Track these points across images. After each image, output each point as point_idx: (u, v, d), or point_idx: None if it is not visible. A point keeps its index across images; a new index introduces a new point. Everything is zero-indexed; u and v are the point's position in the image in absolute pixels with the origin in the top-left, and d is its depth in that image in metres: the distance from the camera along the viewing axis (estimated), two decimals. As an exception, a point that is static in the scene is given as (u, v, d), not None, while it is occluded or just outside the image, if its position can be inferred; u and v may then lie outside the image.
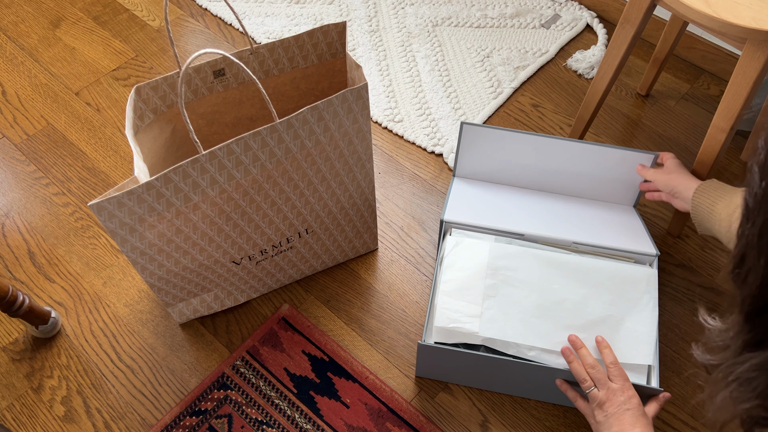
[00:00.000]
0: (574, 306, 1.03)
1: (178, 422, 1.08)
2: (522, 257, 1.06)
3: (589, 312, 1.02)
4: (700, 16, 0.96)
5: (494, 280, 1.04)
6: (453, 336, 1.01)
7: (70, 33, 1.67)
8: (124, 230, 0.89)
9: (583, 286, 1.04)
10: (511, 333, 1.01)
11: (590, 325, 1.02)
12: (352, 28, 1.67)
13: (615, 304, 1.03)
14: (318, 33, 1.04)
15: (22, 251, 1.29)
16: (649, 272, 1.05)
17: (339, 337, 1.17)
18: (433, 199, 1.35)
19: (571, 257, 1.07)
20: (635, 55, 1.59)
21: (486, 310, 1.02)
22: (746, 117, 1.40)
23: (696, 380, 0.46)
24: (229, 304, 1.19)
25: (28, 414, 1.10)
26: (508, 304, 1.03)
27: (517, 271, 1.05)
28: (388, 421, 1.08)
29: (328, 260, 1.23)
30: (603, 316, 1.02)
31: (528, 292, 1.04)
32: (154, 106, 1.01)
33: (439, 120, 1.47)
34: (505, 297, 1.03)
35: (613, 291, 1.04)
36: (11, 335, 1.18)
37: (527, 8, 1.69)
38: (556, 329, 1.01)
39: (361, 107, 0.96)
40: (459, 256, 1.07)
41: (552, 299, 1.03)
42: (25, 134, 1.47)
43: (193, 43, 1.65)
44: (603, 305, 1.03)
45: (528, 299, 1.03)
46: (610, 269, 1.05)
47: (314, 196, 1.05)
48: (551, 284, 1.04)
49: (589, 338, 1.00)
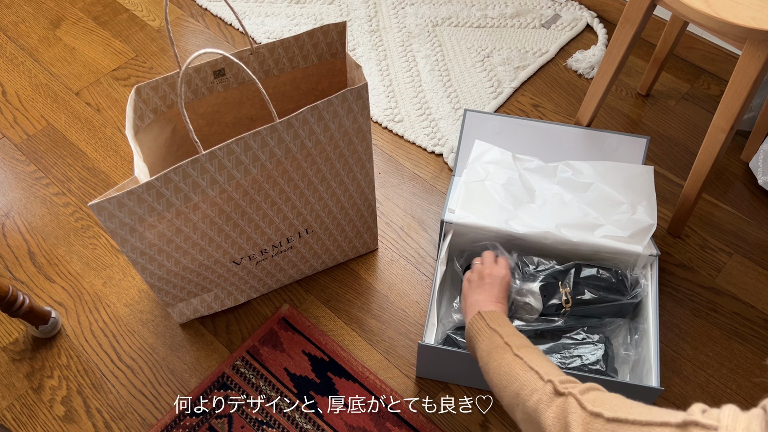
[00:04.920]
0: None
1: (178, 422, 1.08)
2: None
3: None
4: (700, 16, 0.96)
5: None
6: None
7: (70, 33, 1.67)
8: (124, 230, 0.89)
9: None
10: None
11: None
12: (352, 28, 1.67)
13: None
14: (318, 33, 1.04)
15: (22, 251, 1.29)
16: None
17: (339, 337, 1.17)
18: (433, 199, 1.35)
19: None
20: (635, 55, 1.59)
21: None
22: (746, 117, 1.40)
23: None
24: (229, 304, 1.19)
25: (29, 414, 1.10)
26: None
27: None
28: (388, 421, 1.08)
29: (328, 260, 1.23)
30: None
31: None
32: (154, 106, 1.01)
33: (439, 120, 1.47)
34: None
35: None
36: (11, 335, 1.18)
37: (527, 8, 1.69)
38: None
39: (361, 107, 0.96)
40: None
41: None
42: (26, 134, 1.47)
43: (193, 43, 1.65)
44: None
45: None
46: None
47: (314, 196, 1.05)
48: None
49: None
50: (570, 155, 1.22)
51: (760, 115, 1.32)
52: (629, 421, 0.57)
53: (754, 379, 1.11)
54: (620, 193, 1.14)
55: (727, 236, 1.29)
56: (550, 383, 0.70)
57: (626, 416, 0.57)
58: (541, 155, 1.22)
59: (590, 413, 0.61)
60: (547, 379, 0.71)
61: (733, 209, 1.33)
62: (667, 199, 1.34)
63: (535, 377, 0.73)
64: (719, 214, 1.32)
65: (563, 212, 1.13)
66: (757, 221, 1.31)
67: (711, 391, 1.11)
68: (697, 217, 1.32)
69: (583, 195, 1.16)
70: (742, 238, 1.29)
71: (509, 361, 0.79)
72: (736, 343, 1.16)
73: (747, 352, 1.15)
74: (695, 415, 0.51)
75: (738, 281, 1.23)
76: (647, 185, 1.15)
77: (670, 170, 1.39)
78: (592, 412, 0.61)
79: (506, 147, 1.22)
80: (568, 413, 0.64)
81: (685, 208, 1.23)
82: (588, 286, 1.06)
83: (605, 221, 1.12)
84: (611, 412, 0.59)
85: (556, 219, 1.12)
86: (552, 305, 1.05)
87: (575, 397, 0.65)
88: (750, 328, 1.18)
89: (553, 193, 1.17)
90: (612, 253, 1.09)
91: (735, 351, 1.15)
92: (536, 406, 0.69)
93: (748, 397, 1.11)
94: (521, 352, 0.79)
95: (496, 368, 0.80)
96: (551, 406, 0.67)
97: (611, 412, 0.59)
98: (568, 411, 0.64)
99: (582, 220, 1.12)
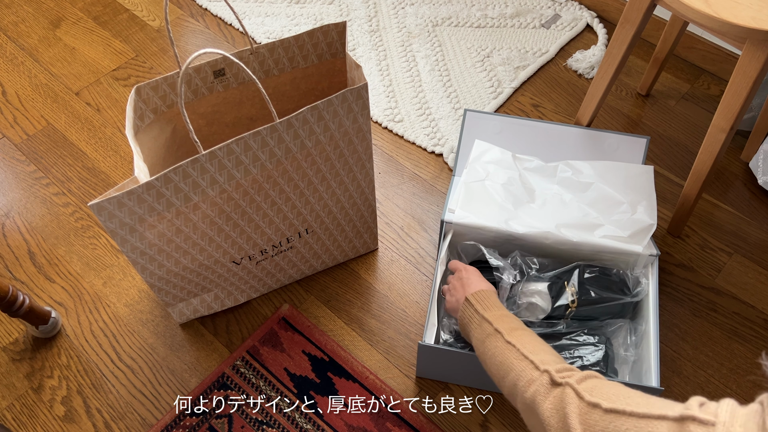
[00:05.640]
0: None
1: (178, 422, 1.08)
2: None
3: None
4: (700, 16, 0.96)
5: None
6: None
7: (70, 33, 1.67)
8: (124, 230, 0.89)
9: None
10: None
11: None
12: (352, 28, 1.67)
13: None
14: (318, 33, 1.04)
15: (22, 251, 1.29)
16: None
17: (339, 337, 1.17)
18: (433, 199, 1.35)
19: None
20: (635, 55, 1.59)
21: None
22: (746, 117, 1.40)
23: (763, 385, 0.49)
24: (229, 304, 1.19)
25: (29, 414, 1.10)
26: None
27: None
28: (388, 421, 1.08)
29: (328, 260, 1.23)
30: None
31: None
32: (154, 106, 1.01)
33: (439, 120, 1.47)
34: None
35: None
36: (11, 335, 1.18)
37: (527, 8, 1.69)
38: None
39: (361, 107, 0.96)
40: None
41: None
42: (26, 134, 1.47)
43: (193, 43, 1.65)
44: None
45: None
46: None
47: (314, 196, 1.05)
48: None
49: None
50: (570, 155, 1.22)
51: (760, 115, 1.32)
52: (627, 413, 0.56)
53: (748, 377, 1.11)
54: (620, 193, 1.14)
55: (727, 236, 1.29)
56: (546, 373, 0.69)
57: (624, 407, 0.57)
58: (541, 155, 1.22)
59: (588, 403, 0.61)
60: (543, 369, 0.70)
61: (733, 209, 1.33)
62: (667, 199, 1.34)
63: (531, 367, 0.72)
64: (719, 214, 1.32)
65: (563, 212, 1.13)
66: (757, 221, 1.31)
67: (711, 391, 1.11)
68: (697, 217, 1.32)
69: (583, 195, 1.16)
70: (742, 238, 1.29)
71: (502, 349, 0.78)
72: (736, 343, 1.16)
73: (747, 352, 1.15)
74: (693, 409, 0.51)
75: (738, 281, 1.23)
76: (647, 185, 1.15)
77: (670, 170, 1.39)
78: (590, 402, 0.61)
79: (506, 147, 1.22)
80: (565, 404, 0.63)
81: (685, 208, 1.23)
82: (592, 286, 1.06)
83: (605, 221, 1.12)
84: (609, 403, 0.59)
85: (556, 219, 1.12)
86: (560, 306, 1.05)
87: (572, 387, 0.64)
88: (750, 328, 1.18)
89: (553, 192, 1.17)
90: (612, 253, 1.09)
91: (735, 351, 1.15)
92: (534, 398, 0.69)
93: (748, 397, 1.11)
94: (513, 338, 0.78)
95: (491, 357, 0.80)
96: (548, 397, 0.67)
97: (609, 403, 0.59)
98: (565, 402, 0.64)
99: (582, 220, 1.12)
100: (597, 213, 1.13)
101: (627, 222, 1.11)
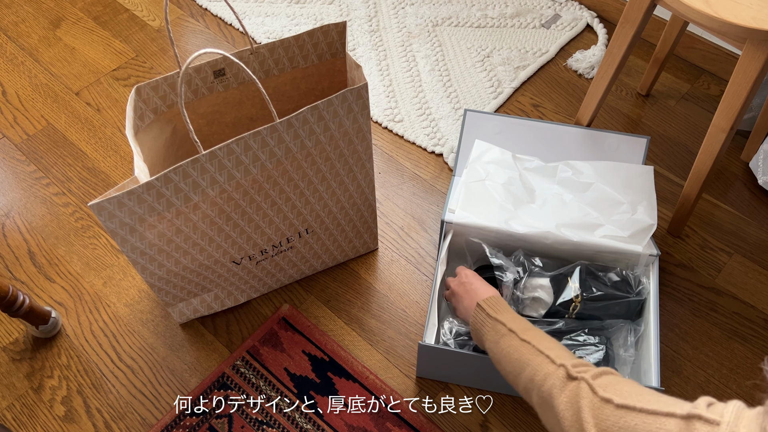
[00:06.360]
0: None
1: (178, 422, 1.08)
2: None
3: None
4: (700, 15, 0.96)
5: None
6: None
7: (70, 33, 1.67)
8: (124, 230, 0.89)
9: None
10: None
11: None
12: (352, 28, 1.67)
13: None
14: (318, 33, 1.04)
15: (22, 251, 1.29)
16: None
17: (339, 337, 1.17)
18: (433, 199, 1.35)
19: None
20: (635, 55, 1.59)
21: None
22: (746, 117, 1.40)
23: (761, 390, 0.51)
24: (230, 304, 1.19)
25: (29, 414, 1.10)
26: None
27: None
28: (388, 421, 1.08)
29: (328, 260, 1.23)
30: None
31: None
32: (155, 106, 1.01)
33: (439, 120, 1.47)
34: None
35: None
36: (11, 335, 1.18)
37: (527, 8, 1.69)
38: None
39: (361, 107, 0.96)
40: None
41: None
42: (26, 134, 1.47)
43: (193, 43, 1.65)
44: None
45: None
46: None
47: (314, 196, 1.05)
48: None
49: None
50: (570, 155, 1.22)
51: (760, 115, 1.32)
52: (637, 409, 0.58)
53: (748, 382, 1.11)
54: (620, 193, 1.14)
55: (727, 236, 1.29)
56: (562, 367, 0.71)
57: (635, 403, 0.59)
58: (541, 155, 1.22)
59: (601, 398, 0.63)
60: (559, 363, 0.72)
61: (733, 209, 1.33)
62: (667, 199, 1.34)
63: (547, 361, 0.74)
64: (719, 214, 1.32)
65: (563, 212, 1.13)
66: (757, 221, 1.31)
67: (711, 391, 1.11)
68: (697, 217, 1.32)
69: (583, 195, 1.16)
70: (742, 238, 1.29)
71: (517, 346, 0.80)
72: (736, 343, 1.16)
73: (747, 352, 1.15)
74: (700, 408, 0.52)
75: (738, 281, 1.23)
76: (647, 185, 1.15)
77: (670, 170, 1.39)
78: (603, 398, 0.63)
79: (506, 147, 1.22)
80: (580, 398, 0.65)
81: (685, 208, 1.23)
82: (595, 283, 1.06)
83: (605, 221, 1.12)
84: (621, 399, 0.61)
85: (557, 219, 1.12)
86: (564, 302, 1.05)
87: (587, 382, 0.66)
88: (750, 328, 1.18)
89: (553, 193, 1.17)
90: (612, 253, 1.09)
91: (735, 351, 1.15)
92: (550, 391, 0.71)
93: (748, 397, 1.11)
94: (528, 336, 0.80)
95: (506, 356, 0.82)
96: (564, 390, 0.69)
97: (621, 399, 0.61)
98: (580, 396, 0.65)
99: (582, 220, 1.12)
100: (597, 213, 1.13)
101: (627, 222, 1.11)
